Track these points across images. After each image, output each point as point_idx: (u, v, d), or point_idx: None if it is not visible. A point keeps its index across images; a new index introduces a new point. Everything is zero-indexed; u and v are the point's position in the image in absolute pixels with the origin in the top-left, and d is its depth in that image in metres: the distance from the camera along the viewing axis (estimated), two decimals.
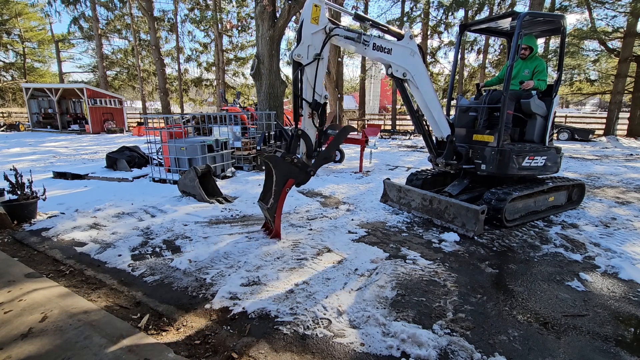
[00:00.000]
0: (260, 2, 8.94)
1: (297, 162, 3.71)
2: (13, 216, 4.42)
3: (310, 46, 3.58)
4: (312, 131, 3.82)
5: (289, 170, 3.69)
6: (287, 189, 3.74)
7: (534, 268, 3.39)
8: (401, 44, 4.07)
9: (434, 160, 4.88)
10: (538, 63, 4.89)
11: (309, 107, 3.71)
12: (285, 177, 3.71)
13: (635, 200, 5.96)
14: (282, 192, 3.71)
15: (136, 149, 8.74)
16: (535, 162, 4.75)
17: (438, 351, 2.18)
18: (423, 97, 4.36)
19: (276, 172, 3.70)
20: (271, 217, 3.88)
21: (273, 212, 3.81)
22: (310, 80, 3.65)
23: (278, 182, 3.70)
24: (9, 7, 28.78)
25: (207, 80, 28.81)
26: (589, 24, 17.22)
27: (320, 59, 3.62)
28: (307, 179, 3.85)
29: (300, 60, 3.57)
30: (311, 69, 3.62)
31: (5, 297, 2.73)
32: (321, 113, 3.78)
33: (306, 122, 3.76)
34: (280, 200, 3.73)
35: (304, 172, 3.78)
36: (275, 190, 3.73)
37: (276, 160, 3.67)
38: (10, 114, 28.23)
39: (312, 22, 3.53)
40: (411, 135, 19.16)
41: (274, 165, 3.69)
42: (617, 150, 13.38)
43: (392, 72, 4.14)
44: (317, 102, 3.71)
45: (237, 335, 2.32)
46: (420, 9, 20.51)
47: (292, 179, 3.73)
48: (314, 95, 3.69)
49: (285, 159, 3.66)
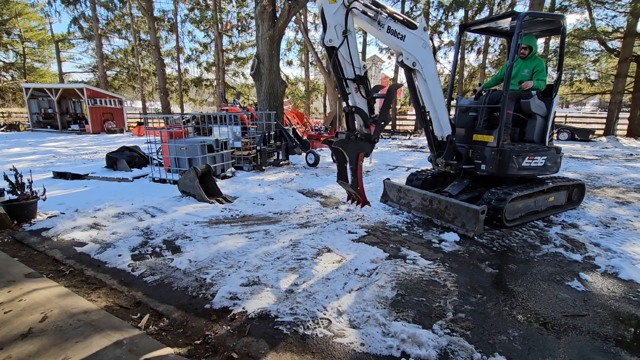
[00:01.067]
0: (260, 2, 8.94)
1: (361, 136, 4.02)
2: (13, 216, 4.42)
3: (337, 26, 3.66)
4: (363, 103, 4.02)
5: (357, 146, 4.04)
6: (360, 162, 4.11)
7: (534, 268, 3.39)
8: (415, 33, 4.11)
9: (434, 160, 4.88)
10: (537, 63, 4.89)
11: (354, 82, 3.89)
12: (356, 153, 4.05)
13: (635, 200, 5.96)
14: (358, 167, 4.12)
15: (136, 149, 8.74)
16: (535, 162, 4.75)
17: (438, 351, 2.18)
18: (429, 92, 4.38)
19: (348, 153, 4.06)
20: (355, 190, 4.31)
21: (356, 186, 4.22)
22: (347, 58, 3.78)
23: (352, 160, 4.08)
24: (9, 7, 28.77)
25: (207, 80, 28.81)
26: (589, 24, 17.23)
27: (349, 33, 3.71)
28: (373, 147, 4.17)
29: (332, 44, 3.67)
30: (344, 48, 3.74)
31: (5, 297, 2.73)
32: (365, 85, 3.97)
33: (355, 96, 3.98)
34: (359, 175, 4.17)
35: (369, 142, 4.08)
36: (352, 168, 4.13)
37: (345, 143, 4.05)
38: (10, 114, 28.23)
39: (330, 1, 3.60)
40: (411, 135, 19.15)
41: (345, 148, 4.06)
42: (617, 150, 13.38)
43: (403, 59, 4.17)
44: (359, 76, 3.88)
45: (237, 335, 2.32)
46: (420, 9, 20.51)
47: (362, 152, 4.08)
48: (354, 71, 3.85)
49: (350, 138, 4.03)
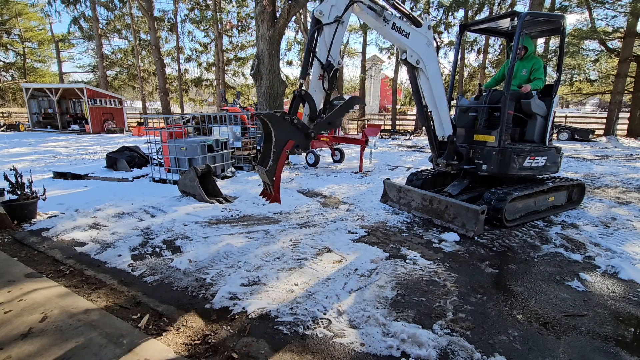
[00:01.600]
0: (260, 2, 8.94)
1: (298, 122, 3.53)
2: (13, 216, 4.42)
3: (334, 6, 3.52)
4: (319, 95, 3.69)
5: (289, 131, 3.50)
6: (286, 150, 3.55)
7: (534, 268, 3.39)
8: (419, 31, 4.07)
9: (435, 160, 4.88)
10: (535, 62, 4.90)
11: (321, 67, 3.60)
12: (285, 137, 3.50)
13: (635, 200, 5.96)
14: (282, 154, 3.51)
15: (136, 149, 8.74)
16: (536, 162, 4.75)
17: (438, 351, 2.18)
18: (432, 90, 4.36)
19: (275, 132, 3.48)
20: (270, 180, 3.63)
21: (272, 175, 3.55)
22: (327, 42, 3.56)
23: (277, 142, 3.48)
24: (9, 7, 28.77)
25: (207, 80, 28.80)
26: (589, 24, 17.23)
27: (341, 22, 3.56)
28: (308, 142, 3.67)
29: (320, 17, 3.50)
30: (329, 30, 3.55)
31: (5, 297, 2.73)
32: (331, 78, 3.68)
33: (314, 83, 3.64)
34: (279, 163, 3.51)
35: (304, 134, 3.59)
36: (275, 152, 3.48)
37: (275, 119, 3.45)
38: (10, 114, 28.23)
39: None
40: (411, 135, 19.16)
41: (273, 124, 3.46)
42: (617, 150, 13.38)
43: (407, 57, 4.12)
44: (329, 64, 3.60)
45: (237, 335, 2.32)
46: (420, 9, 20.51)
47: (292, 140, 3.55)
48: (328, 57, 3.60)
49: (284, 118, 3.48)
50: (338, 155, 9.65)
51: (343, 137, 9.50)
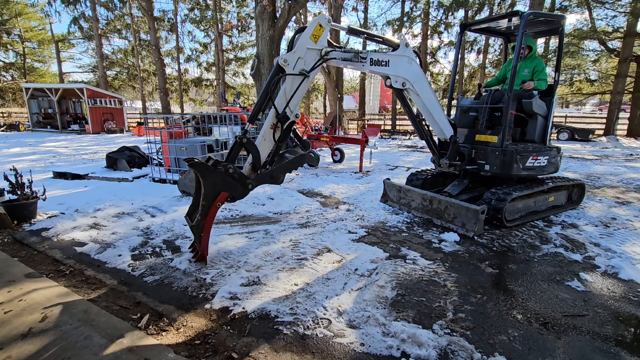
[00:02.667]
0: (260, 2, 8.94)
1: (234, 172, 3.15)
2: (13, 216, 4.42)
3: (300, 59, 3.37)
4: (268, 144, 3.40)
5: (222, 182, 3.12)
6: (218, 203, 3.14)
7: (534, 268, 3.39)
8: (398, 54, 3.99)
9: (437, 161, 4.88)
10: (537, 62, 4.90)
11: (275, 117, 3.34)
12: (217, 189, 3.11)
13: (635, 200, 5.96)
14: (212, 208, 3.11)
15: (136, 149, 8.74)
16: (539, 162, 4.75)
17: (438, 351, 2.18)
18: (424, 103, 4.33)
19: (205, 183, 3.09)
20: (197, 237, 3.25)
21: (200, 231, 3.15)
22: (287, 93, 3.36)
23: (207, 194, 3.09)
24: (9, 7, 28.78)
25: (207, 80, 28.83)
26: (589, 24, 17.23)
27: (307, 76, 3.39)
28: (245, 194, 3.29)
29: (285, 66, 3.32)
30: (292, 81, 3.37)
31: (5, 297, 2.73)
32: (286, 131, 3.41)
33: (265, 131, 3.37)
34: (208, 217, 3.11)
35: (242, 185, 3.22)
36: (203, 205, 3.08)
37: (205, 169, 3.05)
38: (10, 114, 28.23)
39: (311, 38, 3.37)
40: (411, 135, 19.16)
41: (202, 174, 3.08)
42: (617, 150, 13.38)
43: (392, 83, 4.05)
44: (285, 115, 3.34)
45: (237, 335, 2.32)
46: (420, 9, 20.52)
47: (226, 192, 3.16)
48: (285, 107, 3.35)
49: (217, 168, 3.10)
50: (338, 155, 9.66)
51: (343, 137, 9.51)
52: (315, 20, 3.43)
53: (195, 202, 3.38)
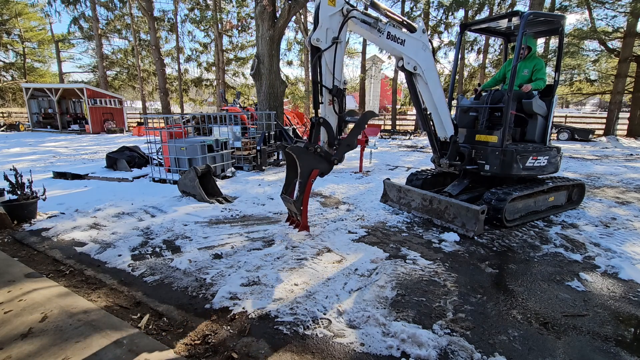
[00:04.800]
0: (260, 2, 8.94)
1: (320, 151, 3.66)
2: (13, 216, 4.42)
3: (329, 29, 3.47)
4: (333, 118, 3.76)
5: (313, 161, 3.63)
6: (312, 180, 3.66)
7: (534, 268, 3.39)
8: (414, 37, 4.04)
9: (437, 161, 4.88)
10: (536, 62, 4.90)
11: (329, 93, 3.63)
12: (310, 167, 3.63)
13: (635, 200, 5.96)
14: (308, 184, 3.64)
15: (136, 149, 8.74)
16: (539, 162, 4.75)
17: (438, 351, 2.18)
18: (431, 94, 4.34)
19: (300, 163, 3.61)
20: (297, 210, 3.80)
21: (300, 205, 3.74)
22: (330, 66, 3.55)
23: (303, 173, 3.63)
24: (9, 7, 28.77)
25: (207, 80, 28.80)
26: (589, 24, 17.23)
27: (339, 42, 3.53)
28: (331, 168, 3.80)
29: (318, 44, 3.46)
30: (330, 54, 3.53)
31: (5, 297, 2.73)
32: (340, 100, 3.71)
33: (327, 109, 3.69)
34: (306, 193, 3.67)
35: (328, 161, 3.73)
36: (301, 183, 3.66)
37: (300, 151, 3.59)
38: (10, 114, 28.24)
39: (329, 3, 3.43)
40: (411, 135, 19.15)
41: (298, 156, 3.60)
42: (617, 150, 13.38)
43: (404, 64, 4.09)
44: (337, 88, 3.63)
45: (237, 335, 2.32)
46: (420, 9, 20.53)
47: (317, 169, 3.67)
48: (333, 81, 3.61)
49: (308, 149, 3.60)
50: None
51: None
52: None
53: (288, 181, 3.98)
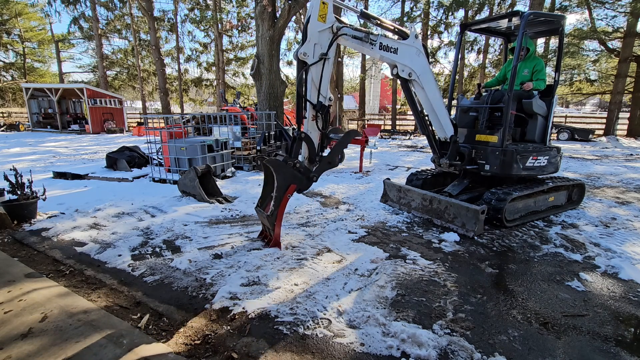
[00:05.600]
0: (260, 2, 8.94)
1: (300, 166, 3.56)
2: (13, 216, 4.42)
3: (317, 44, 3.45)
4: (315, 134, 3.69)
5: (291, 176, 3.52)
6: (288, 195, 3.56)
7: (534, 268, 3.39)
8: (407, 43, 4.02)
9: (437, 161, 4.87)
10: (536, 62, 4.90)
11: (313, 109, 3.58)
12: (288, 182, 3.52)
13: (635, 200, 5.96)
14: (284, 199, 3.53)
15: (136, 149, 8.74)
16: (539, 162, 4.75)
17: (438, 351, 2.18)
18: (428, 97, 4.33)
19: (278, 177, 3.49)
20: (270, 225, 3.67)
21: (273, 220, 3.60)
22: (316, 81, 3.53)
23: (279, 187, 3.51)
24: (9, 7, 28.77)
25: (207, 80, 28.80)
26: (589, 24, 17.23)
27: (327, 58, 3.50)
28: (309, 185, 3.69)
29: (305, 59, 3.44)
30: (317, 69, 3.50)
31: (5, 297, 2.73)
32: (325, 116, 3.65)
33: (309, 124, 3.62)
34: (281, 208, 3.55)
35: (307, 178, 3.63)
36: (276, 197, 3.52)
37: (278, 165, 3.48)
38: (10, 114, 28.23)
39: (319, 19, 3.41)
40: (411, 135, 19.15)
41: (276, 170, 3.49)
42: (617, 150, 13.38)
43: (398, 72, 4.07)
44: (321, 104, 3.58)
45: (237, 335, 2.32)
46: (420, 9, 20.51)
47: (294, 184, 3.55)
48: (318, 97, 3.57)
49: (287, 163, 3.50)
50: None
51: None
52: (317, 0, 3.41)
53: (265, 194, 3.87)
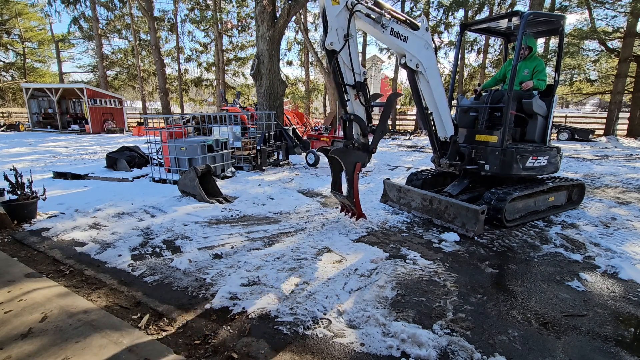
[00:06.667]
0: (260, 2, 8.94)
1: (358, 145, 3.94)
2: (13, 216, 4.42)
3: (339, 29, 3.61)
4: (361, 110, 3.96)
5: (354, 156, 3.95)
6: (357, 173, 3.98)
7: (534, 268, 3.39)
8: (417, 34, 4.09)
9: (437, 160, 4.88)
10: (537, 63, 4.90)
11: (353, 89, 3.81)
12: (353, 163, 3.94)
13: (635, 200, 5.96)
14: (355, 178, 4.00)
15: (136, 149, 8.74)
16: (539, 162, 4.75)
17: (438, 351, 2.18)
18: (432, 93, 4.37)
19: (345, 162, 3.96)
20: (351, 202, 4.19)
21: (352, 198, 4.10)
22: (347, 63, 3.72)
23: (349, 170, 3.99)
24: (9, 7, 28.76)
25: (207, 80, 28.79)
26: (589, 24, 17.23)
27: (350, 37, 3.66)
28: (370, 157, 4.06)
29: (333, 47, 3.60)
30: (345, 52, 3.67)
31: (5, 297, 2.73)
32: (364, 91, 3.90)
33: (354, 104, 3.89)
34: (355, 185, 4.03)
35: (367, 152, 3.99)
36: (348, 179, 4.04)
37: (342, 153, 3.95)
38: (10, 114, 28.22)
39: (333, 3, 3.53)
40: (411, 135, 19.15)
41: (342, 157, 3.97)
42: (617, 150, 13.38)
43: (406, 61, 4.15)
44: (359, 83, 3.82)
45: (237, 335, 2.32)
46: (420, 9, 20.52)
47: (359, 162, 3.95)
48: (354, 77, 3.78)
49: (348, 147, 3.92)
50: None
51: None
52: None
53: (335, 179, 4.42)
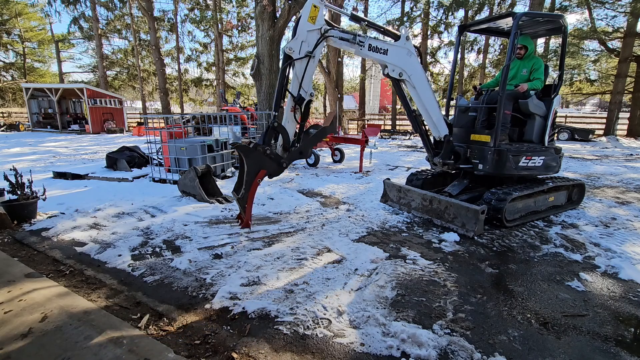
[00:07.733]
0: (260, 2, 8.94)
1: (270, 153, 3.75)
2: (13, 216, 4.42)
3: (304, 42, 3.66)
4: (292, 125, 3.87)
5: (261, 161, 3.73)
6: (258, 179, 3.78)
7: (534, 268, 3.39)
8: (397, 45, 4.10)
9: (431, 159, 4.89)
10: (535, 62, 4.90)
11: (293, 100, 3.77)
12: (257, 167, 3.73)
13: (635, 201, 5.96)
14: (254, 183, 3.76)
15: (136, 149, 8.74)
16: (533, 162, 4.74)
17: (438, 351, 2.18)
18: (420, 97, 4.38)
19: (247, 162, 3.71)
20: (242, 207, 3.93)
21: (244, 203, 3.85)
22: (299, 76, 3.71)
23: (249, 172, 3.73)
24: (9, 7, 28.76)
25: (207, 80, 28.80)
26: (589, 24, 17.22)
27: (312, 57, 3.70)
28: (280, 171, 3.87)
29: (291, 53, 3.64)
30: (301, 65, 3.69)
31: (5, 297, 2.73)
32: (305, 109, 3.84)
33: (287, 114, 3.82)
34: (251, 191, 3.78)
35: (277, 164, 3.81)
36: (247, 181, 3.74)
37: (248, 150, 3.69)
38: (10, 114, 28.21)
39: (309, 20, 3.61)
40: (411, 135, 19.14)
41: (245, 155, 3.71)
42: (617, 150, 13.38)
43: (389, 72, 4.19)
44: (301, 97, 3.77)
45: (237, 335, 2.32)
46: (420, 9, 20.50)
47: (264, 169, 3.76)
48: (299, 90, 3.75)
49: (257, 149, 3.69)
50: (338, 155, 9.65)
51: (343, 137, 9.51)
52: (309, 2, 3.58)
53: (240, 179, 3.95)
